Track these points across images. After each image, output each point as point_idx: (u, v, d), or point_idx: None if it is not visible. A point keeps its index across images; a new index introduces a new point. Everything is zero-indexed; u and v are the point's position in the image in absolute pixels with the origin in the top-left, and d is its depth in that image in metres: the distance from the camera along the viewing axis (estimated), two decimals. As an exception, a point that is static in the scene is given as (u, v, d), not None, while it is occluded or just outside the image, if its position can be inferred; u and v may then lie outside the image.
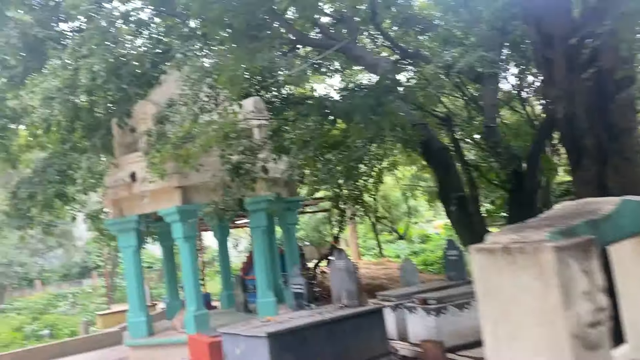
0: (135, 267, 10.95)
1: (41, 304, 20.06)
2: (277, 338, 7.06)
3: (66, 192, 12.40)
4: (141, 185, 10.41)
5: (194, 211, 10.44)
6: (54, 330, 16.64)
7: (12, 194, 11.63)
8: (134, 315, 10.82)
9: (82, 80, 9.50)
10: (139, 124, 10.77)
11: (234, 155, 7.17)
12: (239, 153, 7.12)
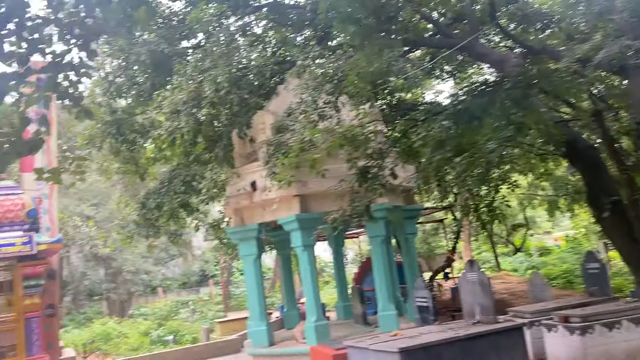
0: (256, 275, 11.01)
1: (165, 310, 21.13)
2: (409, 354, 6.60)
3: (190, 203, 12.88)
4: (261, 194, 10.47)
5: (313, 219, 10.31)
6: (177, 336, 17.35)
7: (141, 204, 12.26)
8: (255, 324, 10.85)
9: (206, 92, 9.78)
10: (258, 134, 10.88)
11: (360, 160, 6.88)
12: (366, 157, 6.81)
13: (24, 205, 9.78)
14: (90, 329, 19.81)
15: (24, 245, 9.33)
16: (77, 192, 27.24)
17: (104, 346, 16.71)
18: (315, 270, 10.45)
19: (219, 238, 15.88)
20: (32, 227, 9.81)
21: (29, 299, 9.62)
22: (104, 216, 25.96)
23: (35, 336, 9.63)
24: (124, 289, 27.79)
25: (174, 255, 32.66)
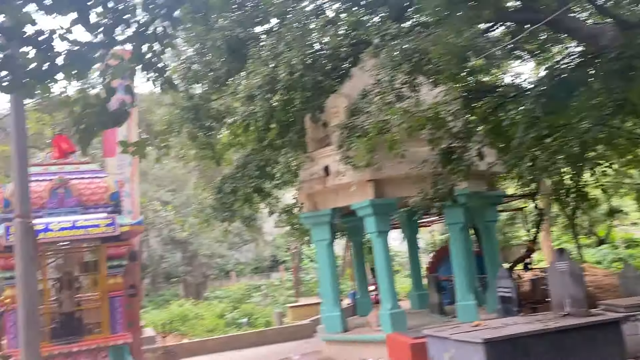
0: (329, 260, 10.92)
1: (238, 294, 21.60)
2: (494, 346, 6.24)
3: (263, 188, 12.95)
4: (334, 179, 10.33)
5: (388, 205, 10.05)
6: (251, 319, 17.67)
7: (217, 189, 12.45)
8: (328, 310, 10.77)
9: (280, 76, 9.71)
10: (331, 117, 10.72)
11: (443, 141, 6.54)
12: (450, 137, 6.46)
13: (108, 189, 10.13)
14: (168, 310, 20.58)
15: (107, 226, 9.67)
16: (156, 178, 28.35)
17: (181, 327, 17.28)
18: (389, 257, 10.19)
19: (291, 223, 15.93)
20: (115, 210, 10.16)
21: (112, 278, 9.98)
22: (181, 201, 26.87)
23: (118, 315, 10.00)
24: (199, 272, 28.71)
25: (247, 241, 33.33)
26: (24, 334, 4.53)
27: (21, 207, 4.73)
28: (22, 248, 4.63)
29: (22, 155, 4.83)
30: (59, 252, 10.39)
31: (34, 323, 4.63)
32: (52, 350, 9.40)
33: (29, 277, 4.64)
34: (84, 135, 3.50)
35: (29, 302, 4.60)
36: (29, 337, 4.55)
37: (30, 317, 4.56)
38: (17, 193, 4.76)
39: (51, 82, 3.12)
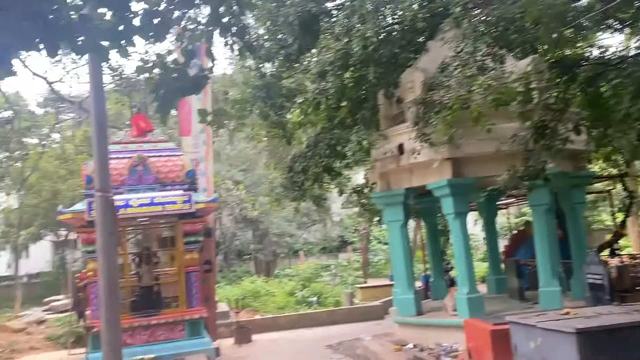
0: (403, 241, 10.60)
1: (308, 273, 21.72)
2: (588, 336, 5.74)
3: (334, 167, 12.75)
4: (409, 157, 9.94)
5: (467, 185, 9.57)
6: (321, 298, 17.70)
7: (288, 167, 12.38)
8: (402, 292, 10.49)
9: (354, 50, 9.40)
10: (406, 93, 10.30)
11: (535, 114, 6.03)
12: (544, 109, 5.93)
13: (184, 166, 10.32)
14: (240, 286, 21.03)
15: (184, 203, 9.86)
16: (228, 158, 28.91)
17: (253, 303, 17.59)
18: (468, 239, 9.74)
19: (361, 204, 15.69)
20: (191, 187, 10.34)
21: (188, 254, 10.20)
22: (252, 181, 27.30)
23: (194, 289, 10.23)
24: (269, 251, 29.18)
25: (316, 221, 33.46)
26: (105, 306, 4.59)
27: (101, 182, 4.76)
28: (103, 222, 4.68)
29: (101, 128, 4.86)
30: (138, 227, 10.74)
31: (114, 295, 4.68)
32: (132, 322, 9.75)
33: (109, 250, 4.68)
34: (163, 102, 3.41)
35: (109, 274, 4.66)
36: (110, 309, 4.61)
37: (110, 289, 4.62)
38: (97, 168, 4.81)
39: (128, 45, 3.02)
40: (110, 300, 4.60)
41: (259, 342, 13.13)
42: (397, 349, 9.45)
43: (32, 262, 38.71)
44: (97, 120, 4.82)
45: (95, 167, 4.85)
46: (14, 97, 24.19)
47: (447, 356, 8.63)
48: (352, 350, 11.03)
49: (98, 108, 4.81)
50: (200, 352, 9.79)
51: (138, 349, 9.64)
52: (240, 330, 13.09)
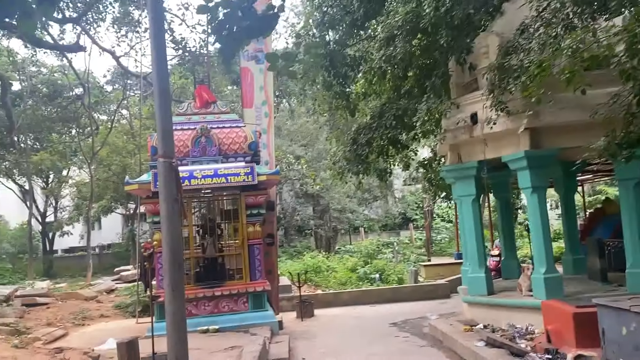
0: (474, 217, 10.03)
1: (369, 249, 21.37)
2: (696, 324, 5.10)
3: (400, 139, 12.24)
4: (483, 127, 9.30)
5: (546, 157, 8.86)
6: (383, 275, 17.35)
7: (352, 140, 11.97)
8: (473, 270, 9.96)
9: (425, 11, 8.81)
10: (480, 59, 9.62)
11: (639, 72, 5.30)
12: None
13: (246, 138, 10.13)
14: (301, 261, 21.01)
15: (246, 175, 9.70)
16: (289, 133, 28.82)
17: (315, 278, 17.48)
18: (546, 216, 9.04)
19: (428, 179, 15.12)
20: (254, 159, 10.16)
21: (251, 227, 10.07)
22: (313, 156, 27.10)
23: (257, 262, 10.12)
24: (330, 226, 29.04)
25: (377, 197, 32.97)
26: (168, 275, 4.40)
27: (164, 148, 4.54)
28: (166, 189, 4.47)
29: (163, 91, 4.63)
30: (202, 199, 10.70)
31: (178, 264, 4.48)
32: (197, 293, 9.77)
33: (172, 219, 4.48)
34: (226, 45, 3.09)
35: (172, 243, 4.46)
36: (173, 278, 4.42)
37: (174, 258, 4.42)
38: (160, 133, 4.58)
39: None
40: (174, 270, 4.41)
41: (321, 317, 12.98)
42: (467, 329, 8.97)
43: (105, 233, 40.56)
44: (159, 82, 4.58)
45: (157, 131, 4.64)
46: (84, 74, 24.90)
47: (522, 338, 8.08)
48: (419, 329, 10.65)
49: (159, 68, 4.57)
50: (263, 324, 9.70)
51: (202, 320, 9.66)
52: (302, 304, 12.97)
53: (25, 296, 12.87)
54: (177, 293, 4.46)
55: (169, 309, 4.45)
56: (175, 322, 4.44)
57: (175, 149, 10.13)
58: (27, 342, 8.62)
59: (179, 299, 4.48)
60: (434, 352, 8.52)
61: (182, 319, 4.49)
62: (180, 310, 4.50)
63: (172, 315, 4.44)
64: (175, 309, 4.45)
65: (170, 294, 4.45)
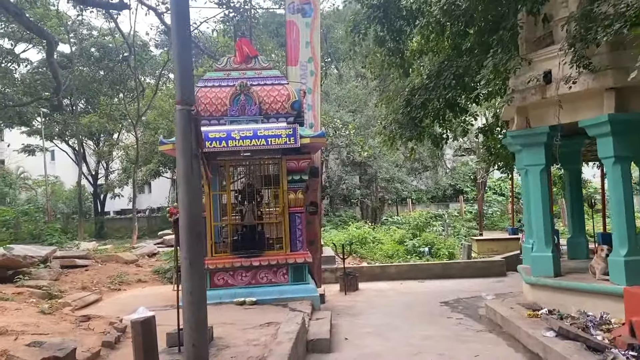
0: (543, 189, 8.90)
1: (419, 221, 20.33)
2: None
3: (458, 102, 11.12)
4: (558, 87, 8.10)
5: (635, 122, 7.60)
6: (433, 249, 16.38)
7: (405, 101, 10.94)
8: (539, 249, 8.89)
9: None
10: (558, 8, 8.37)
11: None
12: None
13: (289, 96, 9.27)
14: (347, 231, 20.24)
15: (288, 137, 8.88)
16: (337, 98, 27.73)
17: (360, 249, 16.68)
18: (630, 190, 7.84)
19: (487, 147, 13.91)
20: (297, 120, 9.32)
21: (292, 193, 9.31)
22: (361, 123, 25.97)
23: (298, 231, 9.39)
24: (376, 196, 28.08)
25: (428, 167, 31.63)
26: (185, 246, 3.68)
27: (182, 92, 3.75)
28: (183, 142, 3.70)
29: (182, 28, 3.81)
30: (240, 162, 10.00)
31: (196, 234, 3.74)
32: (234, 262, 9.14)
33: (190, 179, 3.72)
34: None
35: (191, 207, 3.72)
36: (192, 250, 3.69)
37: (192, 226, 3.69)
38: (178, 76, 3.79)
39: None
40: (192, 240, 3.68)
41: (365, 291, 12.22)
42: (531, 314, 7.98)
43: (154, 197, 41.15)
44: (178, 16, 3.78)
45: (175, 72, 3.85)
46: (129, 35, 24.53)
47: (597, 329, 7.03)
48: (473, 310, 9.71)
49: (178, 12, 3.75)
50: (303, 298, 9.01)
51: (239, 290, 9.06)
52: (346, 277, 12.23)
53: (65, 257, 12.67)
54: (195, 268, 3.73)
55: (185, 286, 3.73)
56: (193, 303, 3.72)
57: (212, 108, 9.42)
58: (57, 307, 8.24)
59: (197, 275, 3.75)
60: (493, 339, 7.58)
61: (200, 299, 3.77)
62: (199, 288, 3.77)
63: (189, 294, 3.72)
64: (193, 287, 3.72)
65: (187, 269, 3.72)
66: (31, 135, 34.53)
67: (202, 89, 9.20)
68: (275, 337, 6.10)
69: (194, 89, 3.78)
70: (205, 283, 3.85)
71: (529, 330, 7.02)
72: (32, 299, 8.61)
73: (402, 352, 6.98)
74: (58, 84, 19.37)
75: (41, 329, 6.49)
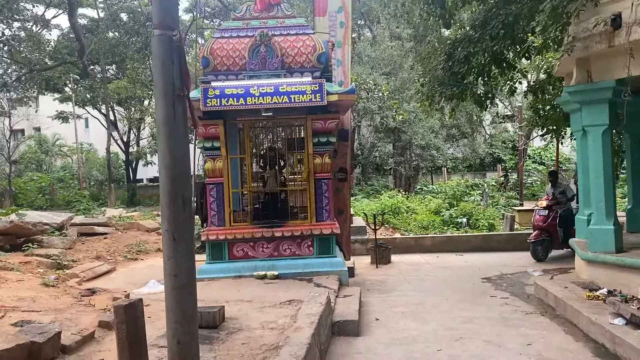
0: (605, 154, 7.77)
1: (454, 190, 19.20)
2: None
3: (506, 57, 9.90)
4: (630, 32, 6.88)
5: None
6: (471, 220, 15.32)
7: (447, 55, 9.78)
8: (598, 221, 7.81)
9: None
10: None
11: None
12: None
13: (315, 48, 8.25)
14: (379, 200, 19.31)
15: (313, 94, 7.91)
16: (370, 60, 26.40)
17: (393, 220, 15.74)
18: None
19: (535, 109, 12.62)
20: (324, 75, 8.31)
21: (319, 158, 8.38)
22: (395, 86, 24.64)
23: (325, 200, 8.49)
24: (410, 165, 26.92)
25: (466, 133, 30.12)
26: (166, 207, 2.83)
27: (161, 13, 2.82)
28: (163, 78, 2.81)
29: None
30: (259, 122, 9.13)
31: (182, 200, 2.87)
32: (254, 232, 8.34)
33: (173, 125, 2.84)
34: None
35: (174, 167, 2.85)
36: (174, 222, 2.84)
37: (175, 191, 2.84)
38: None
39: None
40: (175, 209, 2.82)
41: (398, 264, 11.33)
42: (591, 296, 6.94)
43: (186, 164, 40.83)
44: None
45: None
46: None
47: (672, 315, 5.98)
48: (519, 288, 8.71)
49: None
50: (330, 273, 8.18)
51: (260, 263, 8.29)
52: (378, 249, 11.35)
53: (83, 225, 12.15)
54: (181, 244, 2.87)
55: (168, 267, 2.89)
56: (178, 288, 2.87)
57: (229, 61, 8.47)
58: (64, 278, 7.65)
59: (183, 253, 2.89)
60: (546, 324, 6.60)
61: (189, 283, 2.92)
62: (187, 270, 2.92)
63: (173, 277, 2.87)
64: (178, 268, 2.87)
65: (169, 245, 2.86)
66: (63, 102, 34.45)
67: (218, 39, 8.26)
68: (295, 320, 5.28)
69: (177, 9, 2.85)
70: (193, 263, 3.00)
71: (591, 316, 6.01)
72: (39, 269, 8.03)
73: (441, 337, 6.10)
74: (82, 46, 18.77)
75: (36, 305, 5.85)
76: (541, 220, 10.99)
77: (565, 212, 10.91)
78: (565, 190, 11.21)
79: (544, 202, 11.30)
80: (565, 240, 10.59)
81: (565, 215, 10.86)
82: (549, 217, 10.90)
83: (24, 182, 32.69)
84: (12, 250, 9.10)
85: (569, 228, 10.58)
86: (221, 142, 8.27)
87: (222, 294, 6.95)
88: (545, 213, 11.00)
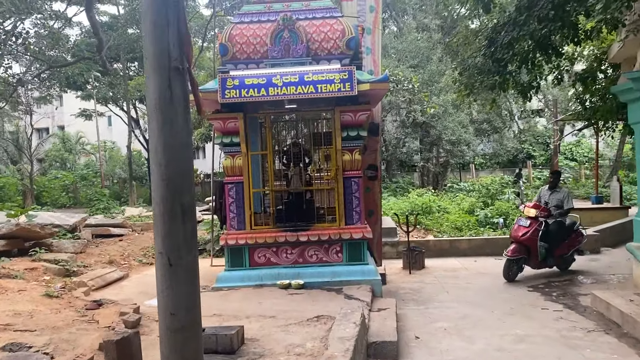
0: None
1: (492, 188, 18.11)
2: None
3: (552, 43, 8.94)
4: None
5: None
6: (508, 220, 14.33)
7: (488, 40, 8.88)
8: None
9: None
10: None
11: None
12: None
13: (344, 33, 7.45)
14: (407, 199, 18.40)
15: (342, 83, 7.11)
16: (397, 52, 25.46)
17: (424, 220, 14.83)
18: None
19: (581, 100, 11.60)
20: (353, 62, 7.51)
21: (348, 154, 7.57)
22: (424, 79, 23.62)
23: (355, 200, 7.68)
24: (438, 161, 25.89)
25: (498, 128, 28.90)
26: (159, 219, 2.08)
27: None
28: (155, 42, 2.04)
29: None
30: (283, 114, 8.35)
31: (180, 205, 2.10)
32: (277, 236, 7.57)
33: (169, 106, 2.07)
34: None
35: (170, 155, 2.09)
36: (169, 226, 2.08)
37: (170, 193, 2.08)
38: None
39: None
40: (170, 216, 2.07)
41: (433, 269, 10.47)
42: (665, 313, 6.02)
43: (209, 162, 40.52)
44: None
45: None
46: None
47: None
48: (573, 299, 7.79)
49: None
50: (361, 282, 7.37)
51: (284, 271, 7.53)
52: (411, 253, 10.51)
53: (98, 226, 11.57)
54: (181, 272, 2.11)
55: (161, 301, 2.13)
56: (176, 331, 2.11)
57: (250, 48, 7.66)
58: (71, 287, 6.99)
59: (182, 283, 2.13)
60: (615, 345, 5.70)
61: (191, 325, 2.16)
62: (188, 306, 2.16)
63: (170, 316, 2.11)
64: (175, 305, 2.11)
65: (163, 272, 2.11)
66: (85, 99, 34.26)
67: (238, 25, 7.51)
68: (326, 345, 4.49)
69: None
70: (197, 296, 2.22)
71: (674, 340, 5.11)
72: (45, 276, 7.40)
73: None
74: (100, 41, 18.14)
75: (33, 322, 5.17)
76: (520, 231, 9.05)
77: (554, 225, 9.15)
78: (564, 198, 9.48)
79: (531, 209, 9.26)
80: (545, 259, 9.07)
81: (553, 228, 9.12)
82: (530, 229, 8.97)
83: (48, 180, 32.62)
84: (19, 254, 8.51)
85: (555, 244, 9.08)
86: (241, 137, 7.51)
87: (241, 307, 6.21)
88: (527, 224, 9.06)
